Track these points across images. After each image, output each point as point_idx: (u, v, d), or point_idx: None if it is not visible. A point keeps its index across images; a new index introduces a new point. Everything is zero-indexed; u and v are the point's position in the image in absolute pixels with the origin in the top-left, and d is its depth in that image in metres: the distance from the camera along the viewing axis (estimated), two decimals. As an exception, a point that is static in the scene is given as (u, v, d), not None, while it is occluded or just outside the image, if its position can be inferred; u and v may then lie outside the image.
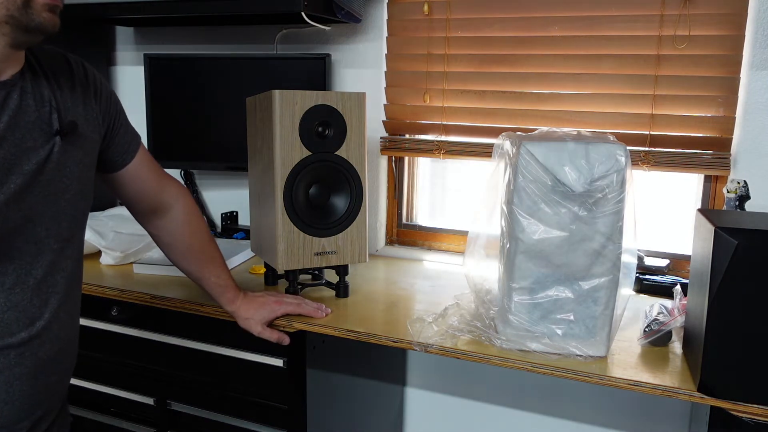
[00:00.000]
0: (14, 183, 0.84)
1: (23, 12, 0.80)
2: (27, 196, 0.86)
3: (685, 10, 1.49)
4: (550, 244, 1.09)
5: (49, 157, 0.89)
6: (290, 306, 1.28)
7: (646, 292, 1.48)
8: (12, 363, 0.88)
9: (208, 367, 1.41)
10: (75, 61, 0.99)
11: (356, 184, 1.37)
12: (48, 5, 0.82)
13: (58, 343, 0.94)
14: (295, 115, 1.29)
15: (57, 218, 0.92)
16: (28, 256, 0.88)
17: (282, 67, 1.79)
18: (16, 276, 0.87)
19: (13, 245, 0.86)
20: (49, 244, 0.91)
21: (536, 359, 1.11)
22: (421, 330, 1.22)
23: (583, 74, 1.61)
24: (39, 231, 0.89)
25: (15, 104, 0.85)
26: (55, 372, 0.95)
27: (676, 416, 1.62)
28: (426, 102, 1.78)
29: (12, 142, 0.84)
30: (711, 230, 0.97)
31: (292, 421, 1.36)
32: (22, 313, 0.88)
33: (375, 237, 1.88)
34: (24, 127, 0.86)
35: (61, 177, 0.91)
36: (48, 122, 0.89)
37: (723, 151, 1.51)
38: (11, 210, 0.85)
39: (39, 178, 0.88)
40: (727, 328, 0.97)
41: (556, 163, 1.07)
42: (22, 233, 0.87)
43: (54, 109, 0.90)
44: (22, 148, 0.86)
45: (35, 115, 0.88)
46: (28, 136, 0.87)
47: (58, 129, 0.90)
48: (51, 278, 0.92)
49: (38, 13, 0.81)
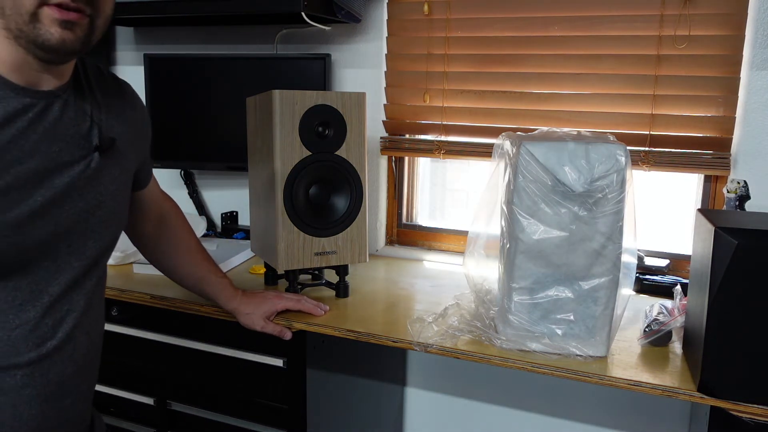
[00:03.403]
0: (42, 196, 0.81)
1: (30, 27, 0.74)
2: (54, 211, 0.83)
3: (685, 10, 1.49)
4: (550, 244, 1.09)
5: (84, 172, 0.86)
6: (290, 301, 1.29)
7: (646, 292, 1.48)
8: (19, 384, 0.83)
9: (208, 367, 1.41)
10: (120, 80, 0.98)
11: (356, 184, 1.37)
12: (58, 20, 0.74)
13: (72, 365, 0.89)
14: (295, 115, 1.29)
15: (83, 236, 0.88)
16: (46, 272, 0.84)
17: (282, 67, 1.79)
18: (30, 292, 0.83)
19: (31, 260, 0.82)
20: (70, 263, 0.87)
21: (536, 359, 1.11)
22: (421, 330, 1.22)
23: (583, 74, 1.61)
24: (61, 248, 0.85)
25: (54, 116, 0.82)
26: (69, 394, 0.90)
27: (676, 416, 1.62)
28: (426, 102, 1.78)
29: (46, 154, 0.81)
30: (711, 230, 0.97)
31: (292, 421, 1.36)
32: (32, 332, 0.83)
33: (375, 237, 1.88)
34: (62, 140, 0.83)
35: (95, 194, 0.88)
36: (87, 137, 0.87)
37: (723, 151, 1.51)
38: (35, 224, 0.81)
39: (71, 193, 0.85)
40: (727, 328, 0.97)
41: (556, 163, 1.07)
42: (44, 249, 0.83)
43: (95, 125, 0.88)
44: (57, 161, 0.82)
45: (74, 129, 0.85)
46: (65, 150, 0.83)
47: (97, 145, 0.87)
48: (68, 297, 0.87)
49: (46, 27, 0.74)
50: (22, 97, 0.79)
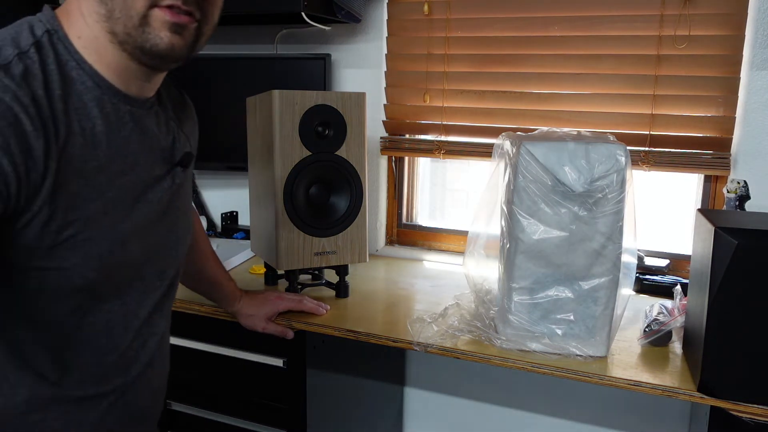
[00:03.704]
0: (140, 211, 0.77)
1: (139, 31, 0.69)
2: (149, 228, 0.80)
3: (685, 10, 1.49)
4: (550, 244, 1.09)
5: (171, 188, 0.83)
6: (291, 302, 1.29)
7: (646, 292, 1.48)
8: (104, 412, 0.80)
9: (208, 367, 1.41)
10: (180, 89, 0.95)
11: (356, 184, 1.37)
12: (168, 23, 0.70)
13: (149, 390, 0.87)
14: (295, 115, 1.29)
15: (167, 255, 0.85)
16: (137, 294, 0.81)
17: (282, 67, 1.79)
18: (122, 315, 0.79)
19: (126, 281, 0.79)
20: (155, 283, 0.84)
21: (536, 359, 1.11)
22: (421, 330, 1.22)
23: (582, 74, 1.61)
24: (149, 267, 0.82)
25: (150, 127, 0.80)
26: (146, 420, 0.88)
27: (676, 416, 1.61)
28: (426, 102, 1.78)
29: (144, 167, 0.78)
30: (711, 230, 0.97)
31: (292, 421, 1.35)
32: (121, 357, 0.80)
33: (375, 237, 1.88)
34: (154, 153, 0.80)
35: (176, 211, 0.86)
36: (171, 152, 0.84)
37: (723, 151, 1.51)
38: (133, 241, 0.77)
39: (162, 209, 0.82)
40: (727, 328, 0.97)
41: (556, 163, 1.07)
42: (138, 268, 0.80)
43: (177, 139, 0.85)
44: (151, 175, 0.80)
45: (164, 142, 0.82)
46: (157, 164, 0.81)
47: (180, 159, 0.85)
48: (152, 320, 0.84)
49: (156, 32, 0.69)
50: (125, 104, 0.76)
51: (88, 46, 0.71)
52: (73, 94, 0.70)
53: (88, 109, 0.71)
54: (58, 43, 0.70)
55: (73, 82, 0.70)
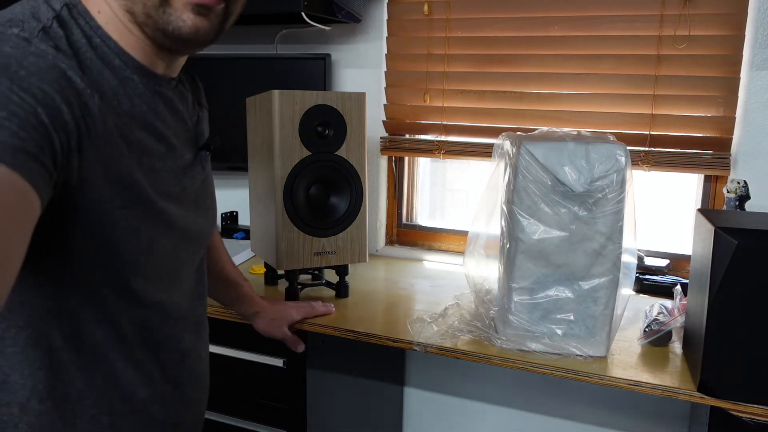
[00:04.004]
0: (176, 201, 0.73)
1: (159, 12, 0.63)
2: (189, 217, 0.76)
3: (685, 10, 1.49)
4: (550, 244, 1.09)
5: (200, 174, 0.78)
6: (305, 310, 1.27)
7: (646, 292, 1.48)
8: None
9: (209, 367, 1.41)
10: (194, 74, 0.88)
11: (356, 184, 1.37)
12: (192, 4, 0.64)
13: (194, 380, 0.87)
14: (295, 115, 1.29)
15: (198, 247, 0.81)
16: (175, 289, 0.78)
17: (282, 67, 1.78)
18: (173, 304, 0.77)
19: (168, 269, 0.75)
20: (192, 271, 0.81)
21: (536, 359, 1.11)
22: (421, 330, 1.22)
23: (583, 74, 1.61)
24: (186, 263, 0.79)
25: (180, 108, 0.75)
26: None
27: (676, 416, 1.61)
28: (426, 102, 1.78)
29: (180, 153, 0.74)
30: (711, 230, 0.97)
31: (292, 421, 1.35)
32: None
33: (375, 237, 1.88)
34: (182, 137, 0.75)
35: (206, 200, 0.81)
36: (195, 136, 0.78)
37: (723, 151, 1.51)
38: (180, 231, 0.73)
39: (194, 198, 0.77)
40: (727, 328, 0.97)
41: (556, 163, 1.07)
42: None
43: (200, 121, 0.80)
44: (184, 160, 0.75)
45: (187, 124, 0.77)
46: (186, 148, 0.76)
47: (206, 143, 0.79)
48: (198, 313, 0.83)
49: (178, 13, 0.64)
50: (155, 83, 0.70)
51: (109, 22, 0.65)
52: (105, 72, 0.65)
53: (124, 88, 0.66)
54: (78, 17, 0.64)
55: (104, 59, 0.65)
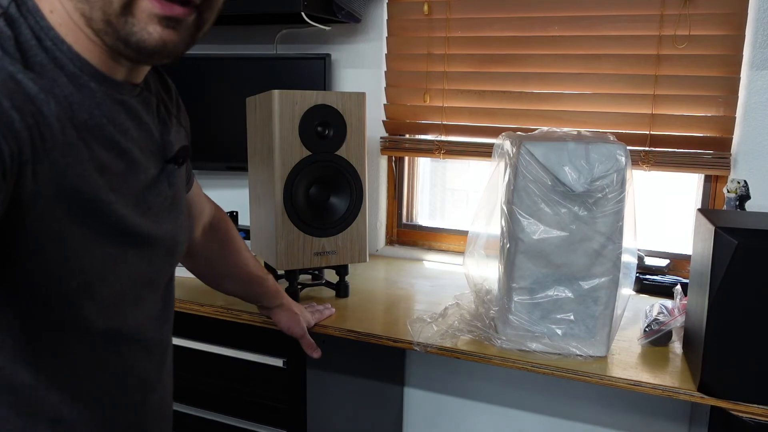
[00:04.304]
0: (142, 217, 0.66)
1: (121, 21, 0.55)
2: (154, 236, 0.70)
3: (685, 10, 1.49)
4: (550, 244, 1.09)
5: (169, 190, 0.71)
6: (316, 316, 1.27)
7: (646, 292, 1.48)
8: None
9: (208, 367, 1.41)
10: (167, 77, 0.81)
11: (356, 184, 1.37)
12: (158, 16, 0.56)
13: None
14: (295, 115, 1.29)
15: (166, 267, 0.75)
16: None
17: (282, 67, 1.78)
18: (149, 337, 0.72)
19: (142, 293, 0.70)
20: (157, 296, 0.74)
21: (536, 359, 1.11)
22: (421, 330, 1.22)
23: (583, 74, 1.61)
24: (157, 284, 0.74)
25: (144, 118, 0.67)
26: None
27: (676, 416, 1.61)
28: (426, 102, 1.78)
29: (143, 168, 0.66)
30: (711, 230, 0.97)
31: (292, 421, 1.35)
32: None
33: (375, 237, 1.88)
34: (147, 149, 0.67)
35: (176, 218, 0.74)
36: (162, 147, 0.70)
37: (723, 150, 1.51)
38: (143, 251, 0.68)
39: (161, 216, 0.70)
40: (727, 328, 0.97)
41: (556, 163, 1.07)
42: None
43: (167, 131, 0.72)
44: (149, 175, 0.67)
45: (153, 136, 0.69)
46: (151, 162, 0.68)
47: (174, 155, 0.72)
48: (164, 341, 0.77)
49: (142, 24, 0.56)
50: (116, 92, 0.63)
51: (63, 23, 0.57)
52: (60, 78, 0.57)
53: (81, 97, 0.59)
54: (28, 15, 0.56)
55: (58, 64, 0.58)
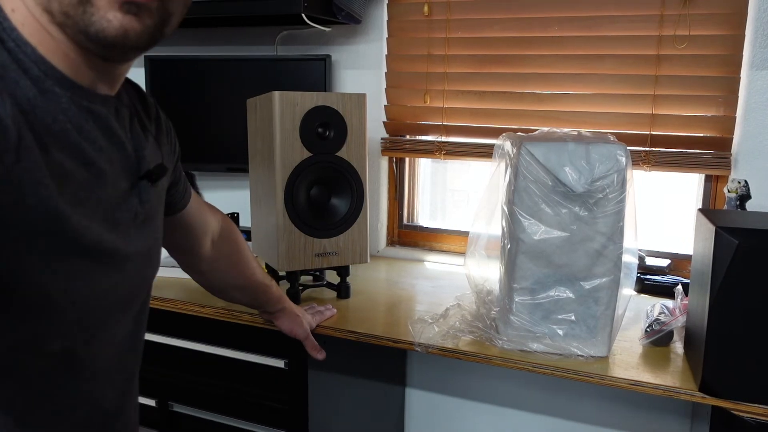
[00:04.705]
0: (111, 234, 0.63)
1: (79, 11, 0.52)
2: (122, 254, 0.66)
3: (685, 10, 1.49)
4: (551, 245, 1.09)
5: (141, 207, 0.68)
6: (317, 317, 1.27)
7: (647, 292, 1.48)
8: None
9: (210, 368, 1.41)
10: (148, 95, 0.77)
11: (357, 185, 1.37)
12: (118, 2, 0.53)
13: None
14: (296, 116, 1.29)
15: (135, 291, 0.72)
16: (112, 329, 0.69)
17: (282, 69, 1.79)
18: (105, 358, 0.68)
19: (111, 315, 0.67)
20: (127, 318, 0.72)
21: (537, 359, 1.11)
22: (422, 331, 1.22)
23: (583, 74, 1.61)
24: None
25: (116, 129, 0.64)
26: None
27: (677, 416, 1.61)
28: (426, 103, 1.78)
29: (111, 181, 0.62)
30: (712, 230, 0.97)
31: (293, 422, 1.35)
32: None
33: (376, 238, 1.88)
34: (117, 162, 0.64)
35: (147, 233, 0.70)
36: (135, 162, 0.67)
37: (723, 150, 1.51)
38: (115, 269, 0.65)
39: (130, 234, 0.67)
40: (728, 328, 0.97)
41: (556, 164, 1.07)
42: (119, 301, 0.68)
43: (141, 147, 0.68)
44: (118, 188, 0.64)
45: (126, 149, 0.65)
46: (122, 177, 0.64)
47: (148, 171, 0.68)
48: (126, 359, 0.74)
49: (102, 12, 0.53)
50: (83, 99, 0.59)
51: (26, 23, 0.54)
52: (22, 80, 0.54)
53: (44, 102, 0.55)
54: None
55: (21, 66, 0.54)
